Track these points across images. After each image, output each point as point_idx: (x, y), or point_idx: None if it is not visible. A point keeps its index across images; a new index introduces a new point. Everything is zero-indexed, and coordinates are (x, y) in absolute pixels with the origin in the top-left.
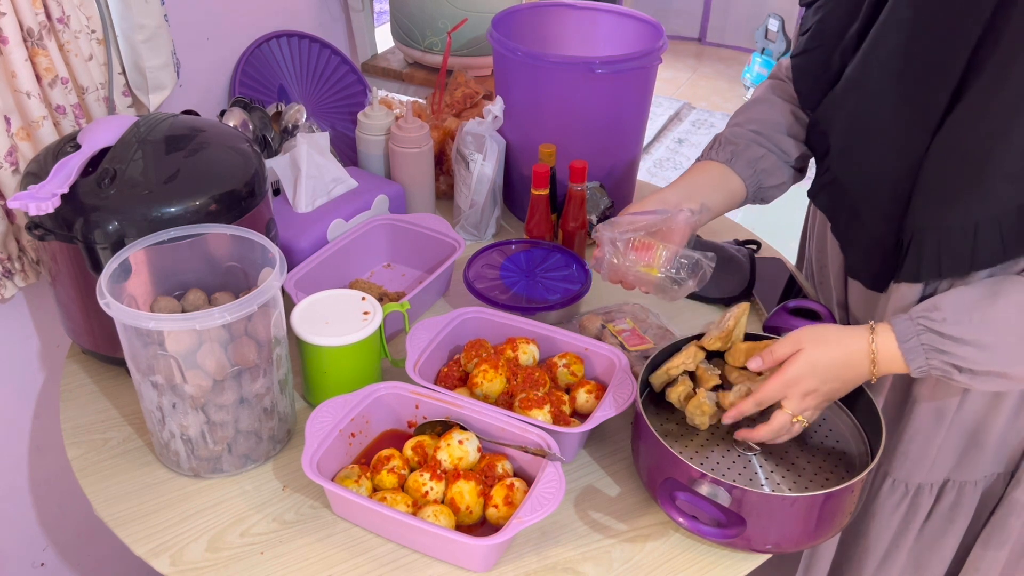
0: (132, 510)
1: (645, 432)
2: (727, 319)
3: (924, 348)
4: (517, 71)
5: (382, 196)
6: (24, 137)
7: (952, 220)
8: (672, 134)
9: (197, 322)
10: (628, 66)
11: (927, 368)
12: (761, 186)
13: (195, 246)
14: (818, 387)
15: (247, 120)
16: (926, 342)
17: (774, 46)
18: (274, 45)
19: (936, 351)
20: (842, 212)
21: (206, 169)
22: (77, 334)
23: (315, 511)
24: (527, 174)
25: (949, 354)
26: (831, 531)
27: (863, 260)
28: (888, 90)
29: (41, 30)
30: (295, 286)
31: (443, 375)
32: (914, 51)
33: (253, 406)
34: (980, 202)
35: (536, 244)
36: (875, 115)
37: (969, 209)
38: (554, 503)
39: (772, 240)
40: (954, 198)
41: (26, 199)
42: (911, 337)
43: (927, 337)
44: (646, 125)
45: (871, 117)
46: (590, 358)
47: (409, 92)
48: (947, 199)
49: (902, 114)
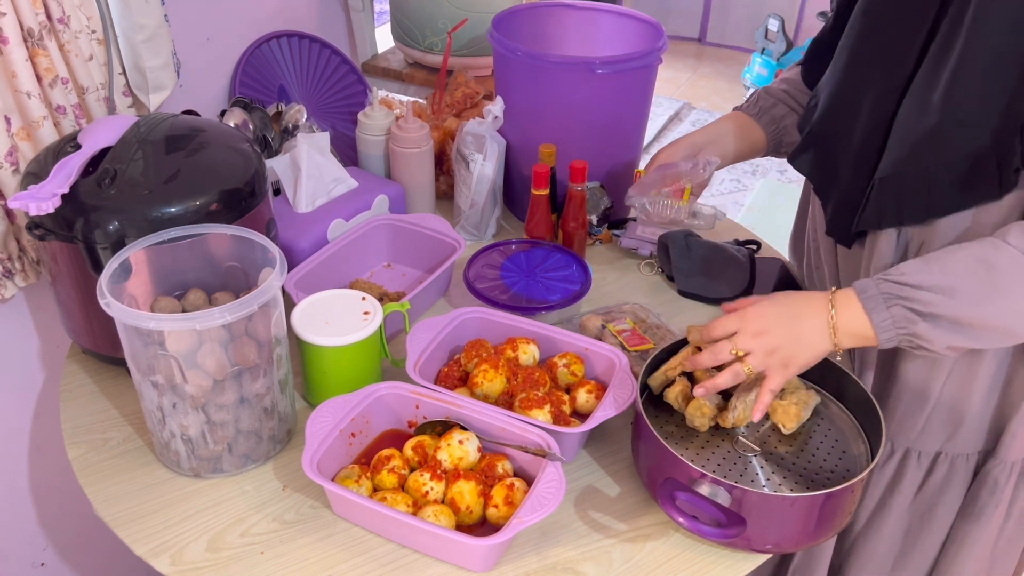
0: (132, 510)
1: (645, 432)
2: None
3: (884, 297)
4: (517, 71)
5: (382, 196)
6: (24, 137)
7: (910, 168)
8: (672, 134)
9: (197, 322)
10: (628, 66)
11: (889, 321)
12: (781, 142)
13: (195, 246)
14: (771, 329)
15: (247, 120)
16: (886, 291)
17: (774, 46)
18: (274, 45)
19: (896, 298)
20: (821, 171)
21: (206, 169)
22: (77, 334)
23: (315, 511)
24: (527, 174)
25: (909, 299)
26: (831, 531)
27: (837, 216)
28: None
29: (41, 30)
30: (295, 286)
31: (443, 375)
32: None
33: (253, 406)
34: (934, 150)
35: (536, 244)
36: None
37: (925, 156)
38: (554, 503)
39: (772, 240)
40: (913, 147)
41: (26, 199)
42: (870, 288)
43: (886, 286)
44: (646, 125)
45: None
46: (590, 358)
47: (409, 92)
48: (907, 149)
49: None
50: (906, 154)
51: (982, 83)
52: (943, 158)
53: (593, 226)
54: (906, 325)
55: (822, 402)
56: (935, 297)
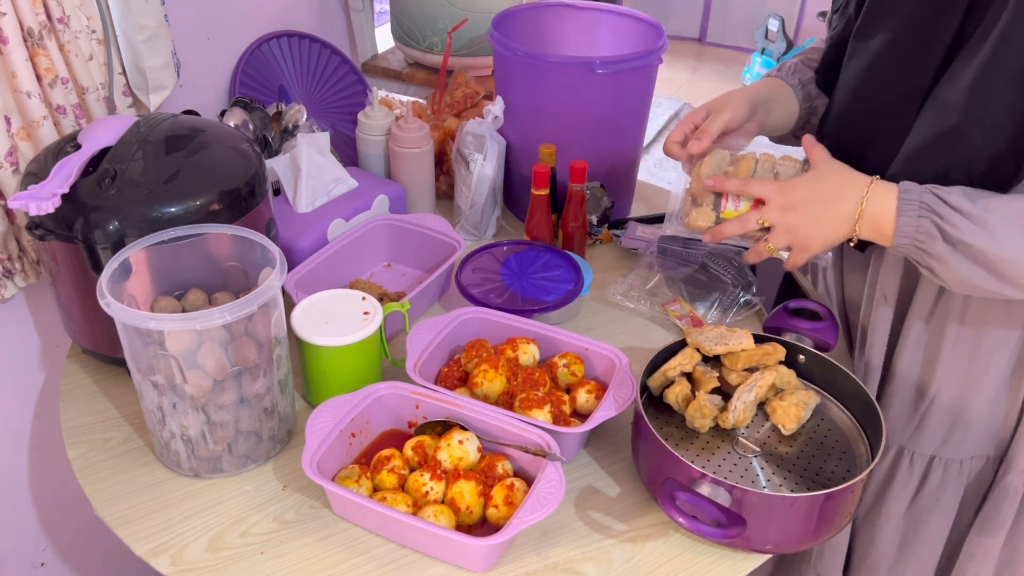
0: (132, 510)
1: (645, 432)
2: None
3: (921, 205)
4: (517, 71)
5: (382, 196)
6: (24, 137)
7: (925, 166)
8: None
9: (197, 322)
10: (628, 66)
11: (912, 228)
12: (808, 121)
13: (195, 246)
14: (799, 207)
15: (247, 120)
16: (926, 201)
17: (774, 46)
18: (274, 45)
19: (930, 210)
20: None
21: (206, 169)
22: (77, 334)
23: (315, 511)
24: (527, 174)
25: (942, 216)
26: (831, 531)
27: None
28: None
29: (41, 30)
30: (295, 286)
31: (443, 375)
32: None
33: (253, 406)
34: (952, 149)
35: (530, 244)
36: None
37: (941, 154)
38: (554, 503)
39: None
40: (929, 146)
41: (26, 199)
42: (912, 191)
43: (928, 197)
44: (646, 125)
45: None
46: (590, 358)
47: (409, 92)
48: (922, 148)
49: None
50: (922, 152)
51: (1009, 91)
52: (960, 157)
53: (593, 226)
54: (925, 240)
55: (822, 402)
56: (970, 226)
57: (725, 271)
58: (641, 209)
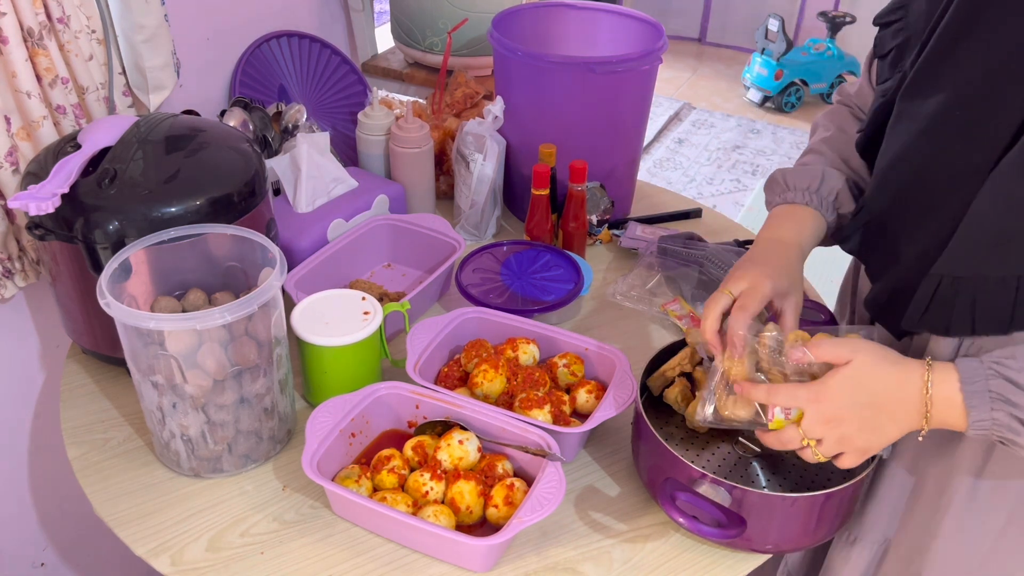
0: (132, 510)
1: (645, 432)
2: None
3: (991, 396)
4: (517, 71)
5: (382, 196)
6: (24, 137)
7: (992, 270)
8: (672, 134)
9: (197, 322)
10: (628, 66)
11: (989, 422)
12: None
13: (195, 246)
14: (845, 417)
15: (247, 120)
16: (995, 389)
17: (774, 46)
18: (274, 45)
19: (1004, 401)
20: (877, 252)
21: (206, 169)
22: (77, 334)
23: (315, 511)
24: (527, 174)
25: (1017, 405)
26: (831, 531)
27: (890, 303)
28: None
29: (41, 30)
30: (295, 286)
31: (443, 375)
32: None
33: (253, 406)
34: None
35: (530, 245)
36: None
37: (1011, 259)
38: (554, 503)
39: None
40: (999, 246)
41: (26, 199)
42: (978, 380)
43: (997, 383)
44: (646, 125)
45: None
46: (590, 358)
47: (409, 92)
48: (991, 246)
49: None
50: (990, 256)
51: None
52: None
53: (593, 226)
54: (1006, 432)
55: None
56: None
57: (725, 271)
58: (641, 209)
